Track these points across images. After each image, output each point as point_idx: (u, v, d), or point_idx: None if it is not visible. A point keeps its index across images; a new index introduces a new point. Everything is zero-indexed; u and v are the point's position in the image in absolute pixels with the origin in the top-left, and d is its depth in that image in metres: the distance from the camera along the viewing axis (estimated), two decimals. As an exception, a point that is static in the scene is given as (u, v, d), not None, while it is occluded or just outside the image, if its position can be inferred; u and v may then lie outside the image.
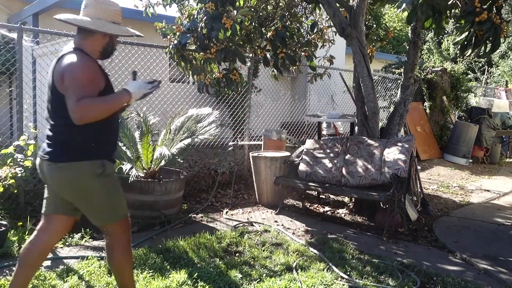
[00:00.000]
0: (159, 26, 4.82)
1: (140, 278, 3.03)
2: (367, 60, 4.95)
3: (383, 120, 7.89)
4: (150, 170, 4.61)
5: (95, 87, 2.20)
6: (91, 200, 2.33)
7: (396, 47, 20.21)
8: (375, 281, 3.18)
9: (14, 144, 3.89)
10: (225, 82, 4.92)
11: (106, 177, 2.31)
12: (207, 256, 3.50)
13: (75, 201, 2.36)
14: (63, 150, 2.27)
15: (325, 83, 8.13)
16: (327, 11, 4.89)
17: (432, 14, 3.75)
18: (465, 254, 3.83)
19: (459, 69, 10.49)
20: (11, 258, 3.34)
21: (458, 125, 9.55)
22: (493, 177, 8.09)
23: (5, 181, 3.67)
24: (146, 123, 4.85)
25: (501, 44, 13.35)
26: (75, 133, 2.22)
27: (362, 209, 5.07)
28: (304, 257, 3.59)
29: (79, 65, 2.17)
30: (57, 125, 2.27)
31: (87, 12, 2.31)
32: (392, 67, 10.59)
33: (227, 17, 4.22)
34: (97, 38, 2.32)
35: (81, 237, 3.87)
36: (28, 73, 5.75)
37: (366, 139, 4.91)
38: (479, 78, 17.14)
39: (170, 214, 4.43)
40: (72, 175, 2.25)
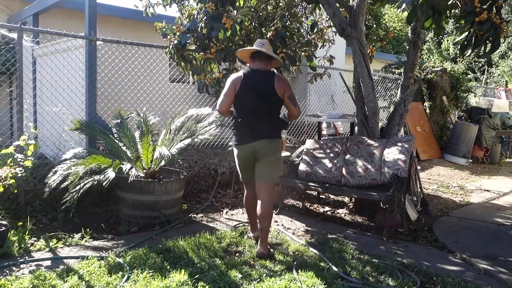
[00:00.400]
0: (159, 26, 4.82)
1: (140, 278, 3.03)
2: (367, 60, 4.95)
3: (383, 120, 7.89)
4: (150, 170, 4.61)
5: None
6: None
7: (396, 47, 20.22)
8: (375, 281, 3.18)
9: (14, 144, 3.89)
10: (225, 82, 4.91)
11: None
12: (207, 256, 3.50)
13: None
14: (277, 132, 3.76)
15: (325, 83, 8.13)
16: (327, 11, 4.88)
17: (432, 14, 3.74)
18: (465, 254, 3.83)
19: (459, 69, 10.49)
20: (11, 258, 3.35)
21: (458, 125, 9.56)
22: (493, 177, 8.09)
23: (5, 181, 3.67)
24: (146, 123, 4.85)
25: (501, 44, 13.35)
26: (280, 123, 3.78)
27: (362, 209, 5.07)
28: (304, 257, 3.59)
29: (289, 83, 3.76)
30: (274, 118, 3.70)
31: (266, 48, 3.67)
32: (392, 67, 10.59)
33: (227, 17, 4.22)
34: (271, 63, 3.78)
35: (81, 237, 3.87)
36: (28, 73, 5.76)
37: (366, 139, 4.91)
38: (479, 78, 17.14)
39: (170, 214, 4.43)
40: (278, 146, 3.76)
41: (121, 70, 6.09)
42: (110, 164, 4.15)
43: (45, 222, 4.19)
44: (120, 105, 5.99)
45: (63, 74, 5.11)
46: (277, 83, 3.59)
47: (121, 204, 4.44)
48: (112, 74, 6.02)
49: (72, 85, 5.08)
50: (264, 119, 3.62)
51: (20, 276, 3.01)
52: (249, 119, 3.63)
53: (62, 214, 4.24)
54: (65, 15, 7.69)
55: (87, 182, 3.94)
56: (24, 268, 3.21)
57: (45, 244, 3.62)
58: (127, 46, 5.68)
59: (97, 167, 4.11)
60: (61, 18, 7.63)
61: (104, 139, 4.69)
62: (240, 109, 3.66)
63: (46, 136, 5.35)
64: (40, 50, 5.95)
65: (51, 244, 3.63)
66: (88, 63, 4.85)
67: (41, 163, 4.71)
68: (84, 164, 4.03)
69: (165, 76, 7.68)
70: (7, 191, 3.91)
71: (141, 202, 4.29)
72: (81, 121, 4.61)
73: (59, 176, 3.99)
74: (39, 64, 6.07)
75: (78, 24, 6.54)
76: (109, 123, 5.15)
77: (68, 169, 4.02)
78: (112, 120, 4.96)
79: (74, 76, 5.11)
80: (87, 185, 3.92)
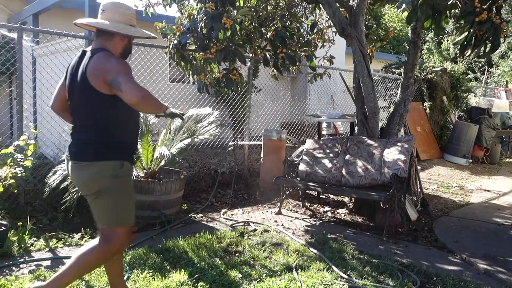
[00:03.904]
0: (159, 26, 4.82)
1: (140, 278, 3.03)
2: (367, 60, 4.95)
3: (383, 120, 7.89)
4: (150, 170, 4.61)
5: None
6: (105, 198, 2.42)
7: (396, 47, 20.22)
8: (375, 281, 3.18)
9: (14, 144, 3.89)
10: (225, 82, 4.92)
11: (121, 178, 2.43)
12: (207, 256, 3.50)
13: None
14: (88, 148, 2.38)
15: (325, 83, 8.13)
16: (327, 11, 4.88)
17: (432, 14, 3.75)
18: (465, 254, 3.83)
19: (459, 69, 10.49)
20: (11, 258, 3.34)
21: (458, 125, 9.56)
22: (493, 177, 8.09)
23: (5, 181, 3.67)
24: (146, 123, 4.85)
25: (501, 44, 13.35)
26: (100, 132, 2.36)
27: (362, 209, 5.07)
28: (304, 257, 3.59)
29: (119, 59, 2.36)
30: (85, 125, 2.40)
31: (106, 16, 2.40)
32: (392, 67, 10.59)
33: (227, 17, 4.22)
34: (118, 40, 2.43)
35: (81, 237, 3.87)
36: (28, 73, 5.76)
37: (366, 139, 4.91)
38: (479, 78, 17.14)
39: (170, 214, 4.44)
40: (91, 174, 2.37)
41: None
42: (110, 164, 4.15)
43: (45, 222, 4.19)
44: (120, 105, 5.98)
45: (63, 74, 5.10)
46: (91, 67, 2.29)
47: (121, 204, 4.44)
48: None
49: (72, 85, 5.07)
50: (78, 126, 2.45)
51: (20, 276, 3.01)
52: (73, 123, 2.50)
53: (62, 214, 4.24)
54: (65, 15, 7.69)
55: (87, 182, 3.93)
56: (24, 268, 3.21)
57: (45, 244, 3.62)
58: (127, 46, 5.67)
59: (97, 167, 4.10)
60: (61, 18, 7.63)
61: (104, 139, 4.68)
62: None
63: (46, 136, 5.35)
64: (40, 50, 5.95)
65: (51, 244, 3.63)
66: (88, 63, 4.84)
67: (41, 163, 4.71)
68: (84, 164, 4.03)
69: (165, 76, 7.68)
70: (7, 191, 3.91)
71: (141, 202, 4.29)
72: (81, 121, 4.60)
73: (59, 176, 4.00)
74: (39, 64, 6.07)
75: (78, 24, 6.54)
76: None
77: (68, 169, 4.02)
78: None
79: (74, 76, 5.09)
80: (87, 185, 3.91)
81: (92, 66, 2.28)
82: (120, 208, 2.45)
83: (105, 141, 2.37)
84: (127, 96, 2.20)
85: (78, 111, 2.42)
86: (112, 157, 2.37)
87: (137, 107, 2.28)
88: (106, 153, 2.36)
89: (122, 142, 2.43)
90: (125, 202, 2.48)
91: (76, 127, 2.45)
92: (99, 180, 2.35)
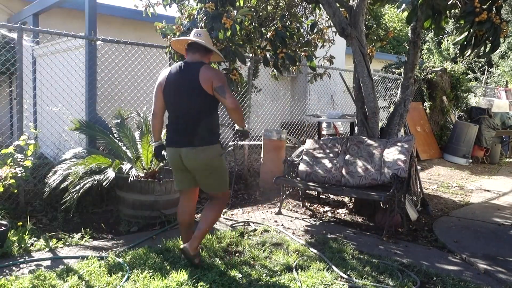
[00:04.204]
0: (159, 26, 4.82)
1: (140, 278, 3.03)
2: (367, 60, 4.95)
3: (383, 120, 7.89)
4: (150, 170, 4.61)
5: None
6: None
7: (396, 47, 20.21)
8: (375, 281, 3.18)
9: (14, 144, 3.89)
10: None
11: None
12: (207, 256, 3.49)
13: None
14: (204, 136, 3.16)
15: (325, 83, 8.13)
16: (327, 11, 4.89)
17: (432, 14, 3.75)
18: (465, 254, 3.83)
19: (459, 69, 10.49)
20: (11, 258, 3.35)
21: (458, 125, 9.56)
22: (493, 177, 8.09)
23: (5, 181, 3.67)
24: (146, 123, 4.85)
25: (501, 44, 13.35)
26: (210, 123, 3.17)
27: (362, 209, 5.07)
28: (304, 257, 3.59)
29: (220, 71, 3.32)
30: (205, 119, 3.14)
31: (202, 39, 3.24)
32: (392, 67, 10.59)
33: (227, 17, 4.22)
34: (209, 56, 3.30)
35: (81, 237, 3.87)
36: (28, 73, 5.76)
37: (366, 139, 4.91)
38: (479, 78, 17.14)
39: (170, 214, 4.43)
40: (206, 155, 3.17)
41: (121, 70, 6.09)
42: (110, 164, 4.15)
43: (45, 222, 4.19)
44: (120, 105, 5.99)
45: (63, 74, 5.11)
46: (202, 74, 3.07)
47: (121, 204, 4.44)
48: (112, 74, 6.01)
49: (72, 85, 5.08)
50: (190, 120, 3.12)
51: (20, 276, 3.01)
52: (175, 120, 3.21)
53: (62, 214, 4.24)
54: (65, 15, 7.69)
55: (87, 182, 3.94)
56: (24, 268, 3.21)
57: (45, 244, 3.62)
58: (127, 46, 5.68)
59: (97, 167, 4.11)
60: (61, 18, 7.63)
61: (104, 139, 4.69)
62: (167, 108, 3.27)
63: (46, 136, 5.35)
64: (40, 50, 5.95)
65: (51, 244, 3.63)
66: (88, 63, 4.85)
67: (41, 163, 4.71)
68: (84, 164, 4.03)
69: (165, 76, 7.67)
70: (7, 191, 3.91)
71: (141, 202, 4.29)
72: (81, 121, 4.61)
73: (59, 176, 4.00)
74: (39, 64, 6.07)
75: (78, 24, 6.54)
76: (109, 123, 5.15)
77: (68, 169, 4.02)
78: (112, 120, 4.96)
79: (74, 76, 5.11)
80: (87, 185, 3.92)
81: (202, 74, 3.07)
82: (225, 178, 3.33)
83: (212, 130, 3.17)
84: (228, 103, 3.05)
85: (188, 109, 3.11)
86: (217, 141, 3.20)
87: (230, 112, 3.11)
88: (214, 139, 3.18)
89: (218, 130, 3.28)
90: (226, 173, 3.36)
91: (182, 121, 3.14)
92: (213, 159, 3.16)
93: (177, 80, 3.13)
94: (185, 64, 3.18)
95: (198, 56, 3.21)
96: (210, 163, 3.15)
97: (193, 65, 3.14)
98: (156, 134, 3.37)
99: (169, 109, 3.25)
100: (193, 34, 3.28)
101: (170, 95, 3.17)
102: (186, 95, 3.11)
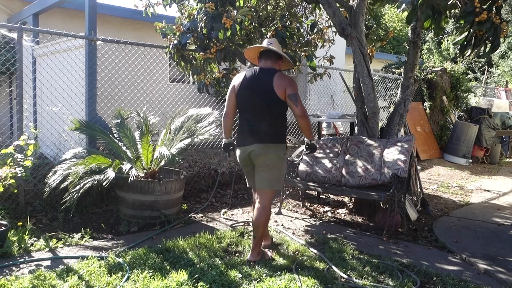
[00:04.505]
0: (159, 26, 4.82)
1: (140, 278, 3.03)
2: (367, 60, 4.95)
3: (383, 120, 7.89)
4: (150, 170, 4.61)
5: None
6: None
7: (396, 47, 20.22)
8: (375, 281, 3.18)
9: (14, 144, 3.89)
10: (225, 82, 4.92)
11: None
12: (207, 256, 3.50)
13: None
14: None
15: (325, 83, 8.12)
16: (327, 11, 4.88)
17: (432, 14, 3.74)
18: (465, 254, 3.83)
19: (459, 69, 10.49)
20: (11, 258, 3.35)
21: (458, 125, 9.56)
22: (493, 177, 8.09)
23: (5, 181, 3.67)
24: (146, 123, 4.85)
25: (501, 44, 13.35)
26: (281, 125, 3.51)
27: (362, 209, 5.07)
28: (304, 257, 3.59)
29: (293, 80, 3.47)
30: (275, 120, 3.45)
31: (274, 47, 3.50)
32: (392, 67, 10.59)
33: (227, 17, 4.22)
34: (279, 63, 3.56)
35: (81, 237, 3.87)
36: (28, 73, 5.76)
37: (366, 139, 4.91)
38: (479, 78, 17.14)
39: (170, 214, 4.44)
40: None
41: (121, 70, 6.09)
42: (110, 164, 4.15)
43: (45, 222, 4.19)
44: (120, 105, 6.00)
45: (63, 74, 5.11)
46: (277, 81, 3.35)
47: (121, 204, 4.44)
48: (112, 74, 6.02)
49: (72, 85, 5.08)
50: (262, 121, 3.41)
51: (20, 276, 3.02)
52: (247, 121, 3.48)
53: (62, 214, 4.24)
54: (65, 15, 7.69)
55: (87, 182, 3.94)
56: (24, 268, 3.21)
57: (45, 244, 3.62)
58: (127, 46, 5.68)
59: (97, 167, 4.11)
60: (61, 18, 7.64)
61: (104, 139, 4.69)
62: (240, 110, 3.54)
63: (46, 136, 5.36)
64: (40, 50, 5.95)
65: (51, 244, 3.63)
66: (88, 63, 4.85)
67: (41, 163, 4.71)
68: (84, 164, 4.03)
69: (165, 76, 7.69)
70: (7, 191, 3.91)
71: (141, 202, 4.29)
72: (81, 121, 4.61)
73: (59, 176, 3.99)
74: (39, 64, 6.08)
75: (78, 24, 6.55)
76: (109, 123, 5.15)
77: (68, 169, 4.02)
78: (112, 120, 4.96)
79: (74, 76, 5.11)
80: (87, 185, 3.92)
81: (276, 80, 3.34)
82: (282, 176, 3.61)
83: (280, 131, 3.49)
84: (298, 110, 3.35)
85: (261, 111, 3.39)
86: (283, 141, 3.50)
87: (299, 119, 3.40)
88: (281, 139, 3.48)
89: (285, 132, 3.59)
90: (284, 172, 3.66)
91: (254, 123, 3.42)
92: (278, 155, 3.44)
93: (253, 85, 3.41)
94: (260, 70, 3.45)
95: (270, 63, 3.48)
96: (275, 158, 3.43)
97: (267, 71, 3.41)
98: (227, 132, 3.66)
99: (242, 110, 3.51)
100: (266, 43, 3.56)
101: (245, 98, 3.44)
102: (260, 99, 3.38)
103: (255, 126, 3.42)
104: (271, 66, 3.46)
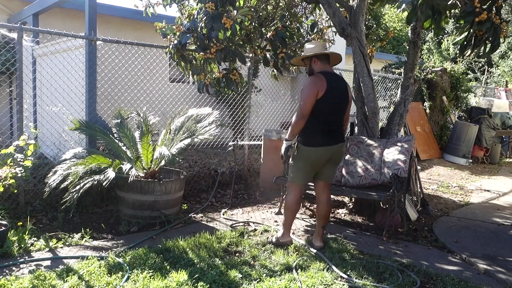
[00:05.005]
0: (159, 26, 4.82)
1: (140, 278, 3.03)
2: (367, 60, 4.95)
3: (383, 120, 7.89)
4: (150, 170, 4.61)
5: None
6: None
7: (396, 47, 20.22)
8: (375, 281, 3.18)
9: (14, 144, 3.89)
10: (225, 82, 4.92)
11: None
12: (207, 256, 3.50)
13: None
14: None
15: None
16: (327, 11, 4.89)
17: (432, 14, 3.74)
18: (465, 254, 3.83)
19: (459, 69, 10.49)
20: (11, 258, 3.35)
21: (458, 125, 9.56)
22: (493, 177, 8.09)
23: (5, 181, 3.67)
24: (146, 123, 4.85)
25: (501, 44, 13.35)
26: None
27: (362, 209, 5.07)
28: (304, 257, 3.59)
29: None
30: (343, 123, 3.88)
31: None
32: (392, 67, 10.59)
33: (227, 17, 4.22)
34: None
35: (81, 237, 3.87)
36: (28, 73, 5.77)
37: (366, 139, 4.91)
38: (479, 78, 17.14)
39: (170, 214, 4.44)
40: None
41: (121, 70, 6.09)
42: (110, 164, 4.15)
43: (45, 222, 4.19)
44: (120, 105, 5.99)
45: (63, 74, 5.11)
46: (348, 86, 3.82)
47: (121, 204, 4.44)
48: (112, 74, 6.01)
49: (72, 85, 5.08)
50: (340, 122, 3.82)
51: (20, 276, 3.02)
52: (330, 123, 3.74)
53: (62, 214, 4.24)
54: (65, 15, 7.69)
55: (87, 182, 3.94)
56: (24, 268, 3.21)
57: (45, 244, 3.62)
58: (127, 46, 5.68)
59: (97, 167, 4.11)
60: (61, 18, 7.64)
61: (104, 139, 4.69)
62: (322, 112, 3.66)
63: (46, 136, 5.36)
64: (40, 50, 5.96)
65: (51, 244, 3.63)
66: (88, 63, 4.85)
67: (41, 163, 4.71)
68: (84, 164, 4.03)
69: (165, 76, 7.69)
70: (7, 191, 3.91)
71: (141, 202, 4.29)
72: (81, 121, 4.61)
73: (59, 176, 3.99)
74: (39, 64, 6.08)
75: (78, 24, 6.55)
76: (109, 123, 5.15)
77: (68, 169, 4.02)
78: (112, 120, 4.96)
79: (74, 76, 5.11)
80: (87, 185, 3.92)
81: (348, 85, 3.83)
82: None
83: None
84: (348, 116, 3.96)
85: (342, 112, 3.77)
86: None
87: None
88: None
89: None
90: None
91: (338, 124, 3.80)
92: (343, 152, 4.03)
93: (339, 89, 3.72)
94: (334, 74, 3.77)
95: (329, 66, 3.81)
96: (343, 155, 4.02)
97: (338, 76, 3.86)
98: (298, 133, 3.77)
99: (326, 113, 3.68)
100: (322, 47, 3.81)
101: (333, 102, 3.68)
102: (344, 102, 3.76)
103: (338, 127, 3.82)
104: (330, 69, 3.82)
